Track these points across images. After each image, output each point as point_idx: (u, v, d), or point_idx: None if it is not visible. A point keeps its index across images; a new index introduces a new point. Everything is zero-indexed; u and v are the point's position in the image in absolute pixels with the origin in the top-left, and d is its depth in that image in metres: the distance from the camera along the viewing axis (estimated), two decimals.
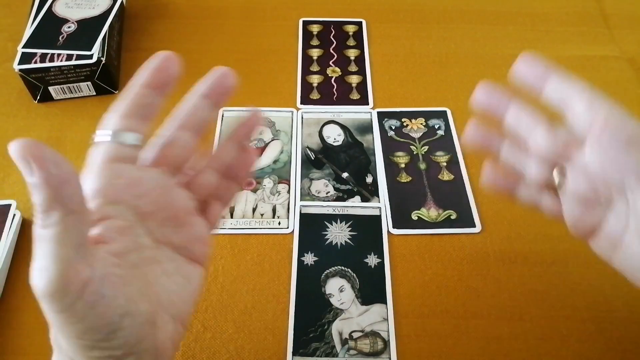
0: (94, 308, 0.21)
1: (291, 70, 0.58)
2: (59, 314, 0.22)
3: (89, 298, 0.21)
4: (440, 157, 0.50)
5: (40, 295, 0.21)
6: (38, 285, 0.20)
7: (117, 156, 0.25)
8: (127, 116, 0.27)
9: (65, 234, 0.20)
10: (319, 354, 0.38)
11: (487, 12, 0.65)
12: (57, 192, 0.21)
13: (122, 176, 0.24)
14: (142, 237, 0.24)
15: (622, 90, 0.56)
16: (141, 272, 0.23)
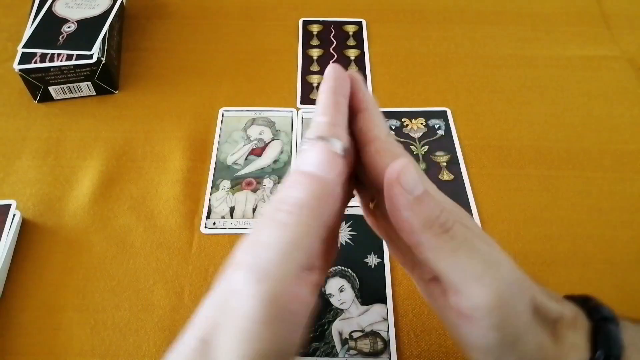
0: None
1: (291, 70, 0.58)
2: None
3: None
4: (440, 157, 0.50)
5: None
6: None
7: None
8: (333, 124, 0.23)
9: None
10: (319, 354, 0.38)
11: (487, 12, 0.65)
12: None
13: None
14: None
15: (622, 90, 0.56)
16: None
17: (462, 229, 0.23)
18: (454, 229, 0.23)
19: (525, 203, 0.47)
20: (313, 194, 0.20)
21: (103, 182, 0.48)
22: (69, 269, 0.42)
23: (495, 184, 0.48)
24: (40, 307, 0.41)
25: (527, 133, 0.52)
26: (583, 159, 0.50)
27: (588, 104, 0.55)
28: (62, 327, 0.40)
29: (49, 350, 0.39)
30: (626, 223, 0.46)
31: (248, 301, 0.19)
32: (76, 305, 0.41)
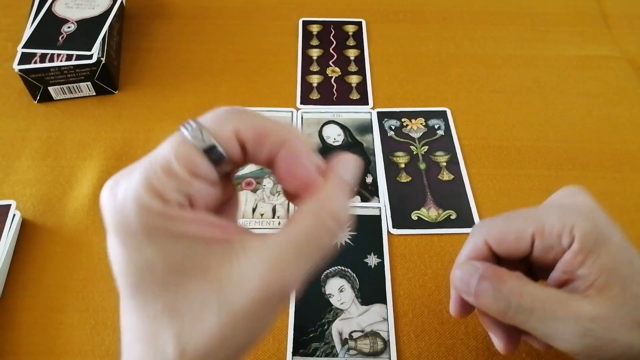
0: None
1: (291, 70, 0.58)
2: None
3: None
4: (440, 157, 0.50)
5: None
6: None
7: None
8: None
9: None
10: (319, 354, 0.38)
11: (487, 12, 0.65)
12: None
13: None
14: None
15: (622, 90, 0.56)
16: None
17: (532, 303, 0.26)
18: (526, 308, 0.26)
19: (525, 203, 0.47)
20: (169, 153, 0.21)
21: (103, 182, 0.47)
22: (69, 269, 0.42)
23: (495, 184, 0.48)
24: (40, 307, 0.41)
25: (527, 133, 0.52)
26: (583, 159, 0.50)
27: (588, 104, 0.55)
28: (62, 327, 0.40)
29: (49, 350, 0.39)
30: (626, 223, 0.46)
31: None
32: (76, 305, 0.41)
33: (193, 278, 0.20)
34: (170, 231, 0.20)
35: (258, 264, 0.20)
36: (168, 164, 0.20)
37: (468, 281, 0.28)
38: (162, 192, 0.20)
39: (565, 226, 0.27)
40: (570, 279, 0.27)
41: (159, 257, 0.20)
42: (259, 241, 0.21)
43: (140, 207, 0.19)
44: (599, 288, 0.26)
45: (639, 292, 0.26)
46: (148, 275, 0.20)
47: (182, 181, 0.20)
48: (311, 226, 0.21)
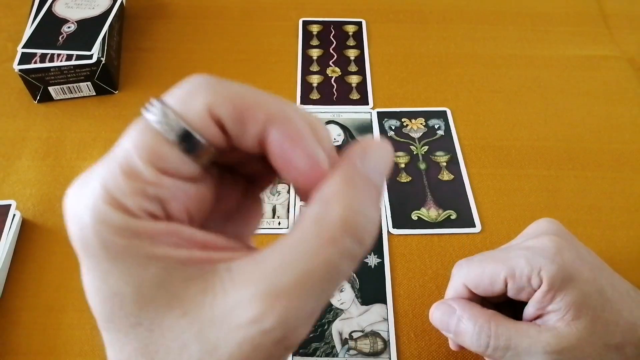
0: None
1: (291, 70, 0.58)
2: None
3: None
4: (440, 157, 0.50)
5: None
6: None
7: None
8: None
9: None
10: (319, 354, 0.38)
11: (487, 12, 0.65)
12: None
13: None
14: None
15: (622, 90, 0.56)
16: None
17: (506, 342, 0.29)
18: (501, 347, 0.29)
19: (525, 203, 0.47)
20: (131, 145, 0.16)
21: None
22: (69, 269, 0.42)
23: (495, 184, 0.48)
24: (40, 307, 0.41)
25: (527, 133, 0.52)
26: (583, 159, 0.50)
27: (588, 104, 0.55)
28: (62, 327, 0.40)
29: (49, 350, 0.39)
30: (626, 223, 0.46)
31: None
32: (76, 305, 0.41)
33: (169, 312, 0.15)
34: (136, 252, 0.15)
35: (246, 293, 0.15)
36: (128, 161, 0.15)
37: (446, 322, 0.32)
38: (123, 200, 0.15)
39: (533, 269, 0.29)
40: (543, 313, 0.30)
41: (125, 286, 0.15)
42: (248, 262, 0.16)
43: (97, 222, 0.15)
44: (568, 321, 0.29)
45: (610, 318, 0.29)
46: (117, 309, 0.16)
47: (149, 181, 0.15)
48: (316, 243, 0.15)
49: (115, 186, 0.15)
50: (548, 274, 0.29)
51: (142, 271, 0.15)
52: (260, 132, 0.16)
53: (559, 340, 0.29)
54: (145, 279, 0.15)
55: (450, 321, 0.32)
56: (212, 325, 0.15)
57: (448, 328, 0.32)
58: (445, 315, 0.32)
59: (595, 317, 0.29)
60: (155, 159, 0.15)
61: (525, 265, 0.30)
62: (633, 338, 0.29)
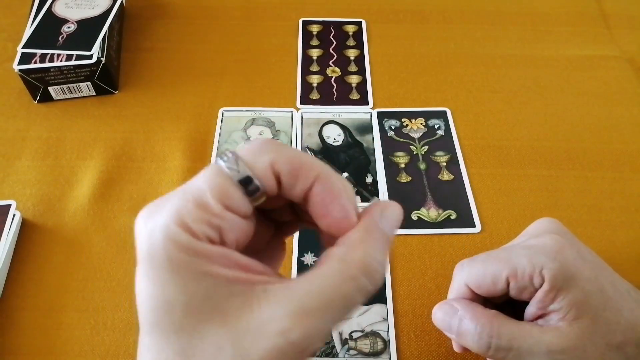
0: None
1: (291, 70, 0.58)
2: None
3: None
4: (440, 157, 0.50)
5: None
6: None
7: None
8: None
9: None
10: (319, 354, 0.38)
11: (487, 12, 0.65)
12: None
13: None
14: None
15: (622, 90, 0.56)
16: None
17: (509, 342, 0.29)
18: (504, 347, 0.29)
19: (525, 203, 0.47)
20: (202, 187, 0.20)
21: (103, 182, 0.48)
22: (69, 269, 0.42)
23: (495, 184, 0.48)
24: (40, 307, 0.41)
25: (527, 133, 0.52)
26: (583, 159, 0.50)
27: (588, 104, 0.55)
28: (62, 327, 0.40)
29: (49, 350, 0.39)
30: (626, 223, 0.46)
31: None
32: (76, 305, 0.41)
33: (210, 322, 0.19)
34: (194, 268, 0.19)
35: (278, 311, 0.19)
36: (201, 195, 0.19)
37: (449, 322, 0.32)
38: (192, 225, 0.19)
39: (535, 268, 0.29)
40: (545, 313, 0.30)
41: (179, 296, 0.19)
42: (281, 286, 0.19)
43: (167, 239, 0.19)
44: (570, 320, 0.29)
45: (611, 317, 0.29)
46: (167, 316, 0.19)
47: (215, 214, 0.19)
48: (339, 278, 0.19)
49: (186, 213, 0.19)
50: (550, 273, 0.29)
51: (196, 284, 0.19)
52: (308, 186, 0.21)
53: (562, 339, 0.28)
54: (197, 291, 0.19)
55: (453, 322, 0.32)
56: (247, 334, 0.18)
57: (450, 329, 0.32)
58: (447, 315, 0.32)
59: (596, 317, 0.29)
60: (222, 196, 0.19)
61: (527, 264, 0.30)
62: (634, 337, 0.29)
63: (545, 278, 0.29)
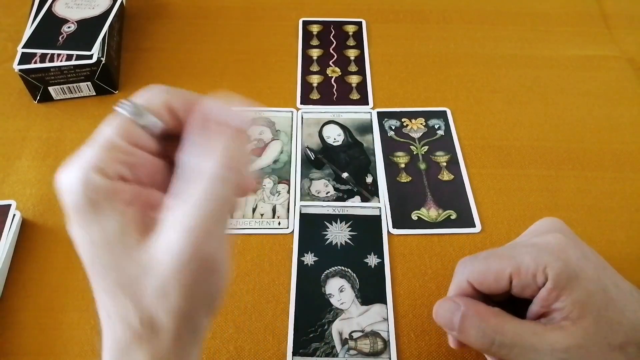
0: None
1: (291, 70, 0.58)
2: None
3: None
4: (440, 157, 0.50)
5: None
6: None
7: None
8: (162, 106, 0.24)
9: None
10: (319, 354, 0.38)
11: (487, 12, 0.65)
12: None
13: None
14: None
15: (622, 90, 0.56)
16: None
17: (512, 339, 0.29)
18: (507, 344, 0.29)
19: (525, 203, 0.47)
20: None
21: None
22: (69, 269, 0.42)
23: (495, 184, 0.48)
24: (40, 307, 0.41)
25: (527, 133, 0.52)
26: (583, 159, 0.50)
27: (588, 104, 0.55)
28: (62, 327, 0.40)
29: (49, 350, 0.39)
30: (626, 223, 0.46)
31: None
32: (76, 305, 0.41)
33: (127, 255, 0.22)
34: (110, 206, 0.22)
35: (174, 236, 0.22)
36: (110, 139, 0.22)
37: (450, 318, 0.31)
38: (104, 167, 0.22)
39: (538, 266, 0.29)
40: (547, 312, 0.29)
41: (100, 234, 0.22)
42: (173, 215, 0.22)
43: (83, 185, 0.21)
44: (573, 319, 0.28)
45: (614, 317, 0.29)
46: (95, 256, 0.22)
47: (124, 151, 0.23)
48: (211, 187, 0.22)
49: (98, 157, 0.22)
50: (553, 271, 0.29)
51: (113, 222, 0.22)
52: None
53: (566, 338, 0.28)
54: (113, 228, 0.22)
55: (455, 318, 0.31)
56: (156, 256, 0.22)
57: (452, 325, 0.32)
58: (449, 312, 0.32)
59: (599, 316, 0.29)
60: (128, 136, 0.23)
61: (531, 261, 0.29)
62: (636, 338, 0.29)
63: (548, 276, 0.29)
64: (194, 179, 0.22)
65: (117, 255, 0.22)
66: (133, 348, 0.22)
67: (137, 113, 0.23)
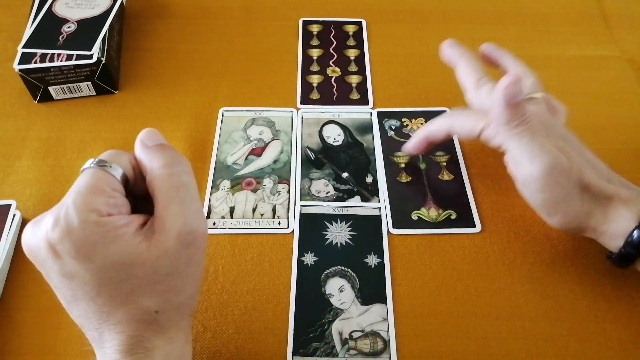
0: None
1: (291, 70, 0.58)
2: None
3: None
4: (440, 157, 0.50)
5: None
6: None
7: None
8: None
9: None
10: (319, 354, 0.38)
11: (487, 12, 0.65)
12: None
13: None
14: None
15: (622, 90, 0.56)
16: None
17: (532, 128, 0.38)
18: (525, 126, 0.38)
19: (525, 203, 0.47)
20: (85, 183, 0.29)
21: None
22: None
23: (495, 184, 0.48)
24: (40, 307, 0.41)
25: None
26: None
27: (588, 104, 0.55)
28: (62, 327, 0.40)
29: (49, 350, 0.39)
30: None
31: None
32: None
33: (130, 267, 0.27)
34: (107, 236, 0.27)
35: (162, 244, 0.28)
36: (95, 186, 0.28)
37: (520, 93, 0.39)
38: (96, 207, 0.27)
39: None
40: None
41: (106, 260, 0.27)
42: (154, 227, 0.29)
43: (82, 223, 0.26)
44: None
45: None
46: (105, 279, 0.27)
47: (109, 195, 0.28)
48: (163, 182, 0.29)
49: (89, 201, 0.27)
50: None
51: (114, 247, 0.27)
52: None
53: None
54: (116, 250, 0.27)
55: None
56: (157, 232, 0.29)
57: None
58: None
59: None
60: (109, 184, 0.29)
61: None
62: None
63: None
64: (151, 184, 0.30)
65: (129, 267, 0.27)
66: (148, 338, 0.28)
67: (112, 167, 0.29)
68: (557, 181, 0.37)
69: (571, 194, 0.37)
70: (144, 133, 0.32)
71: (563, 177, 0.37)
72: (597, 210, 0.37)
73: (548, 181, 0.37)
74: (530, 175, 0.37)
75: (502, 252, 0.44)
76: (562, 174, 0.37)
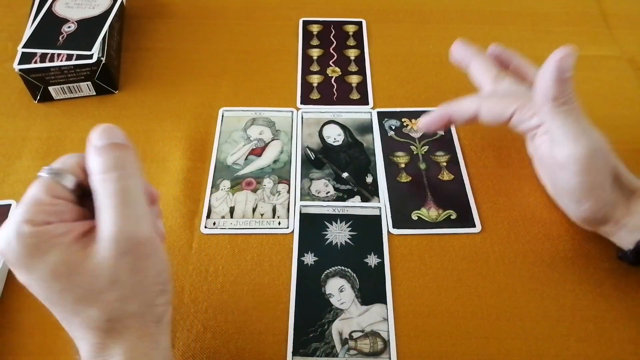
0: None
1: (291, 70, 0.58)
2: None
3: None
4: (440, 157, 0.50)
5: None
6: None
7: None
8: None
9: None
10: (319, 354, 0.38)
11: (487, 12, 0.65)
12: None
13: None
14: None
15: (622, 90, 0.56)
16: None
17: (577, 108, 0.38)
18: (571, 105, 0.37)
19: (525, 203, 0.47)
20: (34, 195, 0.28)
21: None
22: None
23: (495, 184, 0.48)
24: (40, 307, 0.40)
25: None
26: None
27: (588, 104, 0.55)
28: (62, 328, 0.39)
29: (49, 350, 0.39)
30: None
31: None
32: None
33: (77, 271, 0.27)
34: (41, 247, 0.26)
35: (104, 249, 0.27)
36: (35, 196, 0.28)
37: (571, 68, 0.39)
38: (31, 217, 0.27)
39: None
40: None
41: (47, 268, 0.26)
42: (96, 234, 0.28)
43: (17, 235, 0.26)
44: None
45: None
46: (49, 289, 0.27)
47: (48, 203, 0.28)
48: (104, 189, 0.28)
49: (26, 212, 0.27)
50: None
51: (51, 255, 0.27)
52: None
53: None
54: (54, 259, 0.27)
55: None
56: (99, 255, 0.27)
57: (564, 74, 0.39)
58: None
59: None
60: (51, 191, 0.28)
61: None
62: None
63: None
64: (92, 189, 0.29)
65: (67, 276, 0.27)
66: (108, 345, 0.28)
67: (56, 174, 0.29)
68: (597, 165, 0.36)
69: (606, 181, 0.37)
70: (95, 132, 0.30)
71: (604, 162, 0.37)
72: (620, 201, 0.38)
73: (590, 163, 0.36)
74: (573, 156, 0.36)
75: (502, 252, 0.44)
76: (604, 159, 0.37)
